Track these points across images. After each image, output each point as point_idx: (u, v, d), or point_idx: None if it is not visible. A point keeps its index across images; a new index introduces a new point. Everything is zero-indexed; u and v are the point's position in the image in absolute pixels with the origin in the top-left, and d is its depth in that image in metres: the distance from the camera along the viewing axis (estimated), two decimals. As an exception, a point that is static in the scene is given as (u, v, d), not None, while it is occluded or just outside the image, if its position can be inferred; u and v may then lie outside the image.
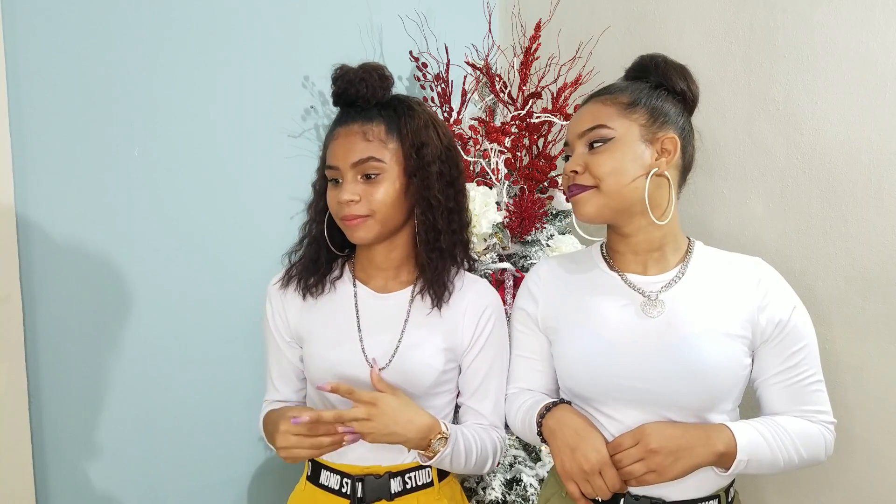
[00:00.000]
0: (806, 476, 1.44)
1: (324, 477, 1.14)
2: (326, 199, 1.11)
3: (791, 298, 1.03)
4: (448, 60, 1.77)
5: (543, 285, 1.13)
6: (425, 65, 1.79)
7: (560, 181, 1.19)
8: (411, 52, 1.82)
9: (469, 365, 1.15)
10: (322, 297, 1.15)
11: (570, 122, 1.07)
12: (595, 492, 0.96)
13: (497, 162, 1.63)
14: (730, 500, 1.05)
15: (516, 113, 1.65)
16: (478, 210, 1.50)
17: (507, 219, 1.61)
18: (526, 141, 1.65)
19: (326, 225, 1.14)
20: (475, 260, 1.24)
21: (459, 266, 1.17)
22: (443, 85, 1.75)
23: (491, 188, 1.61)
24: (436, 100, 1.76)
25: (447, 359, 1.13)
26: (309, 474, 1.17)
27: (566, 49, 1.82)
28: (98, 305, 1.39)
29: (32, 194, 1.29)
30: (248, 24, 1.57)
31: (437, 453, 1.04)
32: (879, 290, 1.32)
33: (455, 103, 1.76)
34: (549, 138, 1.68)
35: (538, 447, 1.53)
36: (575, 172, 1.03)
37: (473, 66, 1.77)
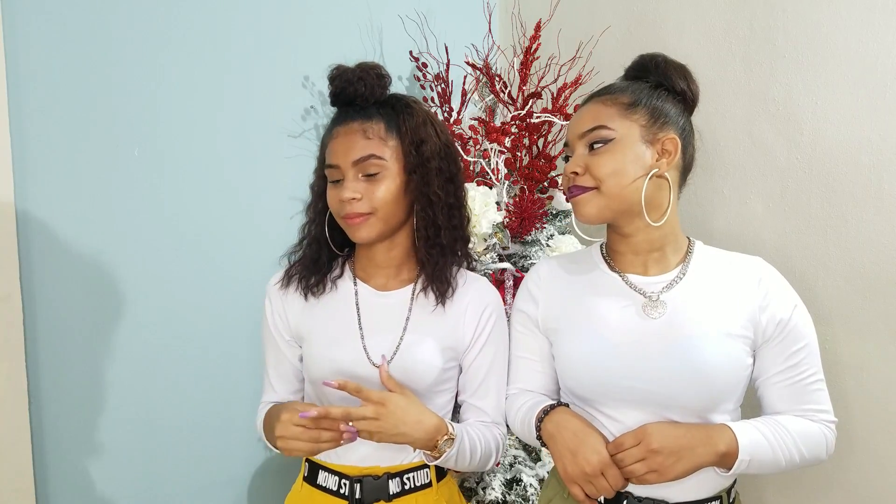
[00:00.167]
0: (806, 476, 1.44)
1: (321, 478, 1.13)
2: (326, 200, 1.11)
3: (792, 298, 1.03)
4: (448, 60, 1.77)
5: (543, 286, 1.13)
6: (425, 65, 1.79)
7: (560, 181, 1.18)
8: (411, 52, 1.82)
9: (471, 363, 1.15)
10: (323, 296, 1.15)
11: (571, 123, 1.07)
12: (599, 492, 0.97)
13: (497, 162, 1.63)
14: (731, 501, 1.05)
15: (516, 113, 1.65)
16: (478, 210, 1.50)
17: (507, 219, 1.61)
18: (526, 141, 1.65)
19: (327, 225, 1.14)
20: (475, 260, 1.24)
21: (460, 262, 1.17)
22: (443, 85, 1.75)
23: (491, 188, 1.61)
24: (436, 100, 1.76)
25: (448, 357, 1.13)
26: (306, 475, 1.16)
27: (566, 49, 1.82)
28: (98, 305, 1.38)
29: (32, 194, 1.29)
30: (249, 25, 1.56)
31: (444, 454, 1.04)
32: (879, 290, 1.32)
33: (455, 103, 1.76)
34: (549, 138, 1.68)
35: (538, 448, 1.53)
36: (575, 174, 1.02)
37: (473, 66, 1.77)
